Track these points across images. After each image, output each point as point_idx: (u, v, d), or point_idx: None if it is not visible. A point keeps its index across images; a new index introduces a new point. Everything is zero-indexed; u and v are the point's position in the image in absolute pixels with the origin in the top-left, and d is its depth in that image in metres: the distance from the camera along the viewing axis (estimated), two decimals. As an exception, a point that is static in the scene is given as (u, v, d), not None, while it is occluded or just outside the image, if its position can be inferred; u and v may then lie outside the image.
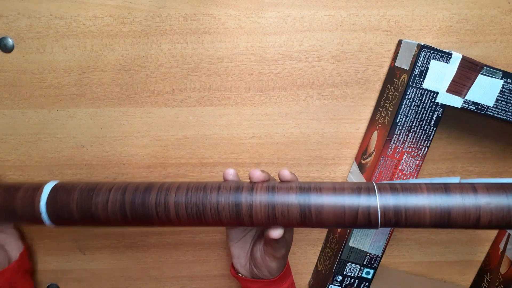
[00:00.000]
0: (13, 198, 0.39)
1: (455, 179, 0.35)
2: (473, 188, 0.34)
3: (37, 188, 0.39)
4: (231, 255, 0.45)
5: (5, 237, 0.49)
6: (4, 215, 0.40)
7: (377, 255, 0.48)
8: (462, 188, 0.34)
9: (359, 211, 0.34)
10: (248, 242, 0.44)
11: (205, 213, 0.36)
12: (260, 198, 0.35)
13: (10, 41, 0.44)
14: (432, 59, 0.40)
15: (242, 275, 0.45)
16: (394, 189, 0.34)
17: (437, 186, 0.34)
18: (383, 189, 0.35)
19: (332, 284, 0.49)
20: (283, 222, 0.36)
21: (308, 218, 0.35)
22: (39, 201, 0.38)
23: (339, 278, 0.49)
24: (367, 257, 0.48)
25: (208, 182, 0.38)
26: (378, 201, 0.34)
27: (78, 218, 0.38)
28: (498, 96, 0.41)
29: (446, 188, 0.34)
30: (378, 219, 0.34)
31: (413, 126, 0.43)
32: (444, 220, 0.33)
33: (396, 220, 0.34)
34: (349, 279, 0.49)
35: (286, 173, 0.37)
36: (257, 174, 0.36)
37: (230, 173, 0.38)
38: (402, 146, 0.43)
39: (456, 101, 0.42)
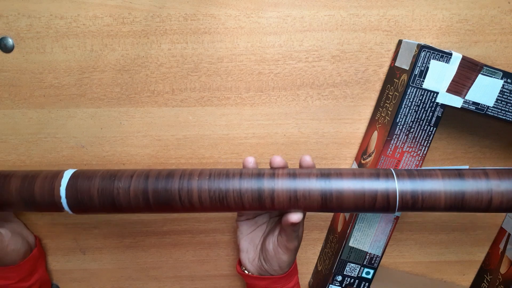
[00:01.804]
0: (32, 186, 0.39)
1: (465, 167, 0.38)
2: (485, 173, 0.36)
3: (56, 175, 0.39)
4: (239, 249, 0.45)
5: (16, 226, 0.49)
6: (24, 203, 0.39)
7: (377, 255, 0.48)
8: (474, 173, 0.36)
9: (378, 195, 0.36)
10: (258, 235, 0.45)
11: (227, 197, 0.37)
12: (282, 183, 0.36)
13: (10, 41, 0.44)
14: (432, 59, 0.40)
15: (249, 272, 0.44)
16: (411, 174, 0.36)
17: (451, 172, 0.36)
18: (400, 174, 0.36)
19: (332, 284, 0.49)
20: (304, 206, 0.37)
21: (329, 201, 0.36)
22: (59, 188, 0.38)
23: (339, 278, 0.49)
24: (367, 257, 0.48)
25: (230, 168, 0.38)
26: (397, 185, 0.36)
27: (98, 205, 0.38)
28: (498, 96, 0.41)
29: (459, 174, 0.36)
30: (396, 202, 0.36)
31: (413, 126, 0.42)
32: (458, 203, 0.35)
33: (413, 203, 0.36)
34: (349, 279, 0.49)
35: (308, 159, 0.39)
36: (278, 160, 0.38)
37: (250, 161, 0.39)
38: (402, 146, 0.43)
39: (456, 101, 0.42)
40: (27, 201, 0.39)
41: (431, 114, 0.42)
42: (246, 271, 0.45)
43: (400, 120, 0.42)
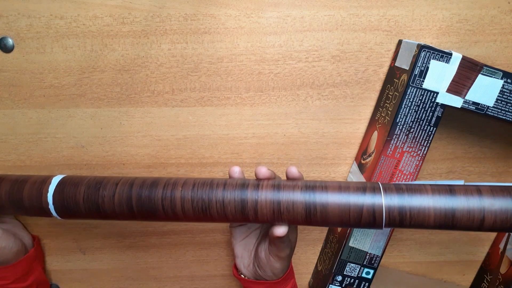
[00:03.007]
0: (21, 191, 0.40)
1: (459, 182, 0.35)
2: (478, 190, 0.34)
3: (45, 181, 0.40)
4: (234, 254, 0.45)
5: (12, 226, 0.50)
6: (13, 207, 0.40)
7: (377, 255, 0.48)
8: (466, 189, 0.34)
9: (363, 210, 0.34)
10: (252, 241, 0.44)
11: (210, 207, 0.36)
12: (266, 195, 0.36)
13: (10, 41, 0.44)
14: (432, 59, 0.40)
15: (245, 276, 0.44)
16: (399, 189, 0.35)
17: (442, 188, 0.34)
18: (388, 189, 0.35)
19: (332, 284, 0.49)
20: (288, 219, 0.36)
21: (313, 215, 0.35)
22: (46, 193, 0.39)
23: (339, 278, 0.49)
24: (367, 257, 0.48)
25: (214, 178, 0.38)
26: (384, 200, 0.34)
27: (84, 211, 0.38)
28: (498, 96, 0.41)
29: (451, 190, 0.34)
30: (383, 218, 0.34)
31: (413, 126, 0.43)
32: (448, 221, 0.33)
33: (401, 220, 0.34)
34: (349, 279, 0.49)
35: (294, 170, 0.38)
36: (263, 171, 0.37)
37: (236, 170, 0.39)
38: (402, 146, 0.43)
39: (456, 101, 0.42)
40: (17, 205, 0.40)
41: (431, 114, 0.42)
42: (242, 275, 0.45)
43: (400, 120, 0.42)
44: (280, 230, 0.36)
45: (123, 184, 0.38)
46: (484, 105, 0.42)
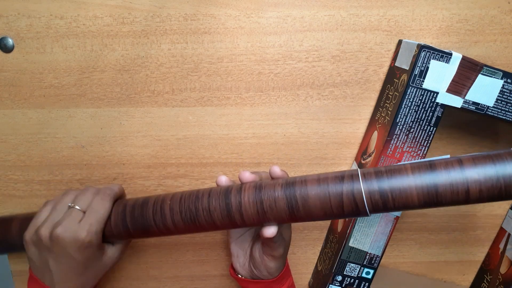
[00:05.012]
0: (8, 231, 0.45)
1: (446, 156, 0.34)
2: (459, 161, 0.32)
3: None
4: (231, 254, 0.45)
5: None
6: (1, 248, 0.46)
7: (377, 255, 0.48)
8: (447, 163, 0.32)
9: (343, 197, 0.34)
10: (247, 240, 0.45)
11: (198, 216, 0.37)
12: (248, 196, 0.36)
13: (10, 41, 0.44)
14: (432, 59, 0.40)
15: (242, 276, 0.45)
16: (378, 173, 0.34)
17: (421, 164, 0.33)
18: (367, 174, 0.34)
19: (332, 284, 0.49)
20: (273, 217, 0.36)
21: (296, 211, 0.35)
22: None
23: (339, 278, 0.49)
24: (367, 257, 0.48)
25: (201, 188, 0.39)
26: (362, 185, 0.33)
27: None
28: (498, 96, 0.41)
29: (431, 165, 0.33)
30: (364, 204, 0.33)
31: (413, 126, 0.43)
32: (432, 198, 0.32)
33: (384, 203, 0.33)
34: (349, 279, 0.49)
35: (276, 170, 0.38)
36: (246, 176, 0.37)
37: (223, 180, 0.39)
38: (402, 146, 0.43)
39: (456, 101, 0.42)
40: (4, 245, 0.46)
41: (431, 114, 0.42)
42: (239, 275, 0.45)
43: (400, 120, 0.42)
44: (269, 231, 0.36)
45: (117, 206, 0.41)
46: (484, 105, 0.42)
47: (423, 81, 0.41)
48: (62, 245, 0.37)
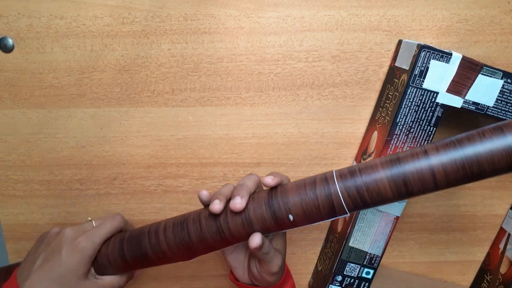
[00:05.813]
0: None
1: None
2: (424, 151, 0.33)
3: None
4: (229, 266, 0.44)
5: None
6: None
7: (377, 255, 0.48)
8: (413, 154, 0.34)
9: (319, 200, 0.35)
10: (242, 252, 0.44)
11: (192, 239, 0.39)
12: (235, 215, 0.37)
13: (10, 41, 0.44)
14: (432, 59, 0.40)
15: (242, 282, 0.44)
16: (352, 171, 0.35)
17: (390, 158, 0.34)
18: (342, 174, 0.35)
19: (332, 284, 0.49)
20: (261, 228, 0.37)
21: (282, 222, 0.36)
22: None
23: (339, 278, 0.49)
24: (367, 257, 0.48)
25: (191, 212, 0.40)
26: (338, 185, 0.34)
27: None
28: (498, 96, 0.41)
29: (398, 158, 0.34)
30: (342, 203, 0.34)
31: (413, 126, 0.43)
32: (403, 189, 0.33)
33: (362, 200, 0.34)
34: (349, 279, 0.49)
35: (268, 181, 0.38)
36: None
37: (204, 194, 0.39)
38: (402, 146, 0.43)
39: (456, 101, 0.42)
40: None
41: (431, 114, 0.42)
42: (239, 281, 0.44)
43: (400, 120, 0.42)
44: (254, 241, 0.36)
45: (114, 239, 0.42)
46: (484, 105, 0.42)
47: (423, 81, 0.41)
48: (61, 241, 0.40)
